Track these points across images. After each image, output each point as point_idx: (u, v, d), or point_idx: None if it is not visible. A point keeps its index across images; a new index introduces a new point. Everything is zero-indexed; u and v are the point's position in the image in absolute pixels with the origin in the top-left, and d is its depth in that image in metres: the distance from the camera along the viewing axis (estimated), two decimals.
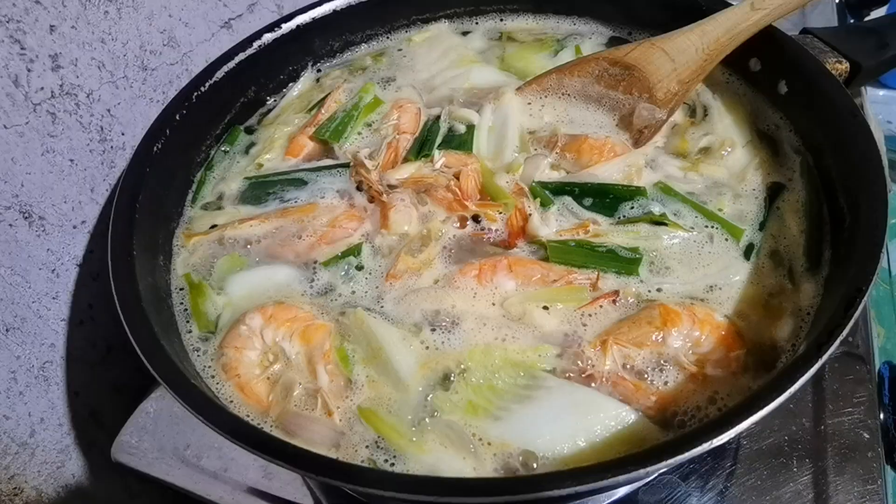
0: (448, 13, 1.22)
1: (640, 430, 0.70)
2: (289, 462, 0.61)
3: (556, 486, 0.54)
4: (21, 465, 0.96)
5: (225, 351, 0.80)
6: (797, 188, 0.89)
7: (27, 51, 0.85)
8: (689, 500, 0.88)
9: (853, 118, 0.81)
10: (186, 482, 0.99)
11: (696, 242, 0.85)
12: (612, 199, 0.90)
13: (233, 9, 1.20)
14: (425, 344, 0.78)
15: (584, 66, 1.02)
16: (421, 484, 0.63)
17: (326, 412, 0.74)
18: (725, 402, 0.71)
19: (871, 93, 1.88)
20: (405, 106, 1.07)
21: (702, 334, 0.75)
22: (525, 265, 0.83)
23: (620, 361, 0.74)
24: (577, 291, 0.80)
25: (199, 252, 0.92)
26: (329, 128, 1.04)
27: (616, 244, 0.84)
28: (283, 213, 0.94)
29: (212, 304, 0.86)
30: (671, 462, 0.56)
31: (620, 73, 0.99)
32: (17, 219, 0.89)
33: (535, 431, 0.69)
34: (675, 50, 0.97)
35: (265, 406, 0.76)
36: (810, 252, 0.82)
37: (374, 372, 0.77)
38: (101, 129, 0.98)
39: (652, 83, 0.97)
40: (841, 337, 0.61)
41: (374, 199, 0.94)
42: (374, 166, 0.96)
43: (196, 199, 1.01)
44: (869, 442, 0.89)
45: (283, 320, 0.80)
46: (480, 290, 0.82)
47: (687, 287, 0.81)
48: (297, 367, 0.78)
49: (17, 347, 0.92)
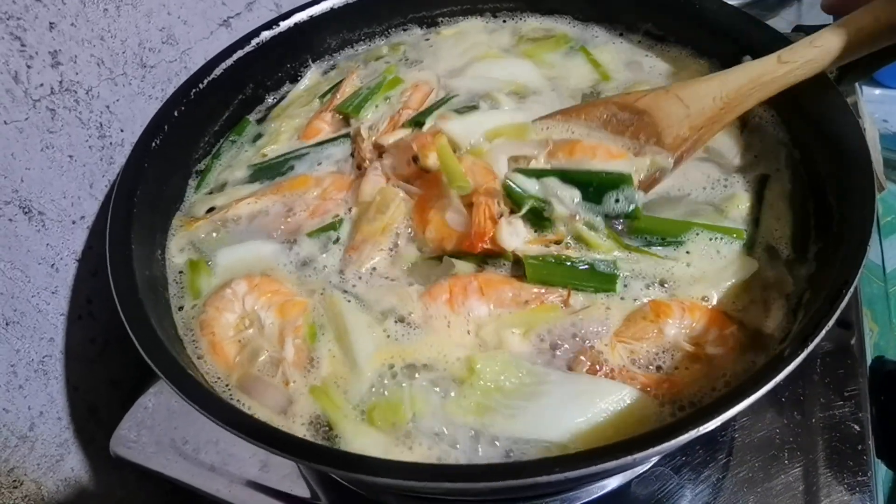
0: (444, 11, 1.23)
1: (649, 410, 0.71)
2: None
3: (545, 472, 0.55)
4: (20, 458, 0.97)
5: (206, 309, 0.85)
6: (783, 178, 0.90)
7: (27, 47, 0.86)
8: (681, 492, 0.89)
9: (842, 115, 0.82)
10: (184, 475, 1.00)
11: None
12: (596, 189, 0.85)
13: (231, 7, 1.21)
14: (387, 333, 0.80)
15: (591, 109, 0.97)
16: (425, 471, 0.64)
17: (284, 382, 0.78)
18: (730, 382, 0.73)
19: (867, 91, 1.88)
20: (420, 85, 1.11)
21: (693, 320, 0.77)
22: (496, 286, 0.81)
23: (627, 357, 0.76)
24: (551, 310, 0.80)
25: (195, 235, 0.95)
26: (353, 103, 1.08)
27: (594, 258, 0.83)
28: (276, 189, 0.98)
29: (207, 282, 0.89)
30: (650, 453, 0.57)
31: (629, 118, 0.94)
32: (17, 214, 0.90)
33: (548, 424, 0.70)
34: (691, 97, 0.91)
35: (231, 365, 0.81)
36: (796, 242, 0.83)
37: (337, 351, 0.80)
38: (100, 125, 0.99)
39: (661, 128, 0.91)
40: (826, 328, 0.62)
41: (360, 167, 0.98)
42: (369, 136, 1.00)
43: (200, 187, 1.04)
44: (859, 435, 0.90)
45: (265, 291, 0.85)
46: (454, 319, 0.80)
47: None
48: (268, 337, 0.83)
49: (16, 341, 0.93)
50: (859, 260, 0.67)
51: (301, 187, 0.97)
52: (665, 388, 0.73)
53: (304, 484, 0.99)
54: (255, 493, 0.98)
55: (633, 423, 0.70)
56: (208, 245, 0.94)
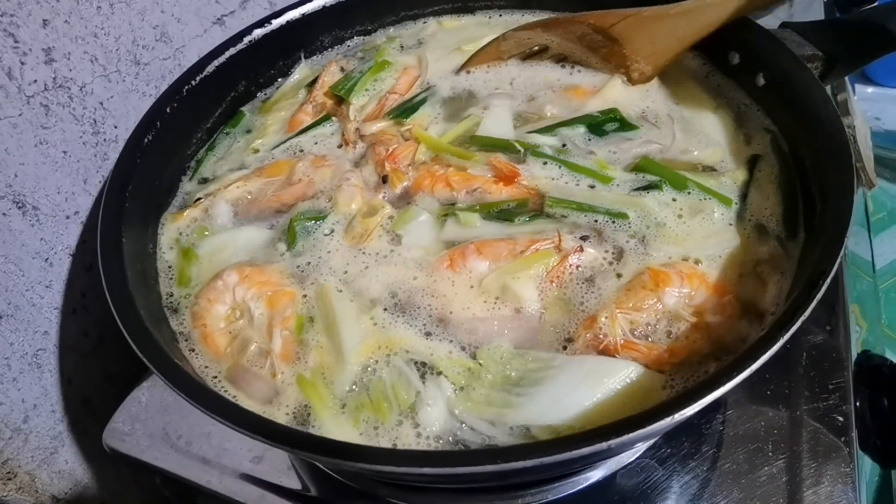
0: (436, 9, 1.25)
1: (655, 385, 0.73)
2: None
3: (521, 457, 0.56)
4: (15, 451, 0.98)
5: (198, 300, 0.87)
6: (772, 161, 0.93)
7: (20, 44, 0.88)
8: (666, 483, 0.90)
9: (825, 111, 0.83)
10: (177, 468, 1.01)
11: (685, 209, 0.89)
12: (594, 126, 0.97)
13: (225, 5, 1.22)
14: (374, 320, 0.82)
15: (569, 25, 1.06)
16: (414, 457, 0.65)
17: (271, 373, 0.80)
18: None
19: (860, 89, 1.90)
20: (408, 70, 1.14)
21: (692, 289, 0.79)
22: (491, 245, 0.85)
23: (628, 328, 0.77)
24: (545, 256, 0.83)
25: (184, 224, 0.97)
26: (345, 86, 1.12)
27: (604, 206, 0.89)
28: (260, 172, 1.01)
29: (196, 271, 0.91)
30: (625, 440, 0.57)
31: (602, 41, 1.03)
32: (11, 208, 0.91)
33: (557, 407, 0.71)
34: (659, 33, 1.00)
35: (221, 356, 0.83)
36: (787, 221, 0.86)
37: (325, 341, 0.81)
38: (94, 121, 1.01)
39: (630, 61, 1.03)
40: (804, 317, 0.63)
41: (345, 145, 1.04)
42: (354, 116, 1.06)
43: (194, 177, 1.06)
44: (843, 427, 0.91)
45: (255, 281, 0.86)
46: (457, 278, 0.84)
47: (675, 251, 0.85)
48: (258, 327, 0.84)
49: (10, 335, 0.94)
50: (836, 251, 0.68)
51: (284, 170, 1.00)
52: (666, 359, 0.75)
53: (296, 476, 1.00)
54: (247, 486, 0.99)
55: (640, 400, 0.71)
56: (197, 234, 0.95)
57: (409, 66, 1.16)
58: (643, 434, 0.57)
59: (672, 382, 0.73)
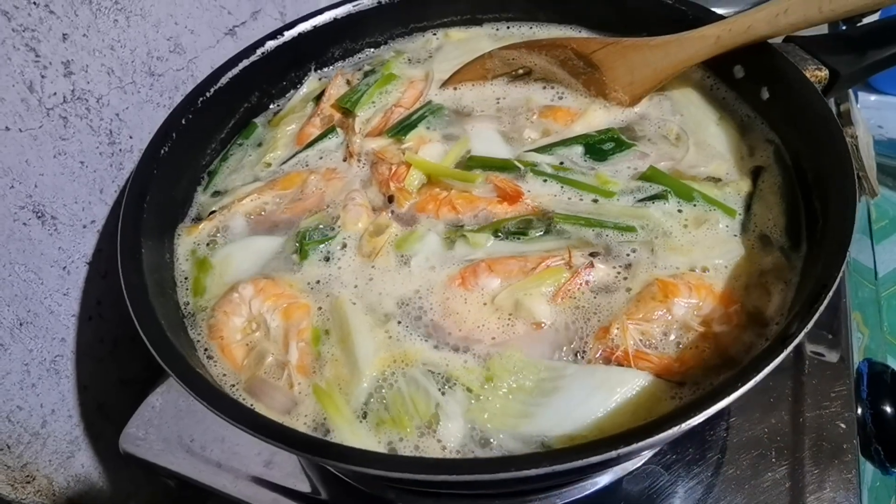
0: (445, 21, 1.27)
1: (663, 395, 0.75)
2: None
3: (532, 466, 0.58)
4: (33, 455, 1.00)
5: (215, 313, 0.88)
6: (775, 172, 0.95)
7: (41, 58, 0.90)
8: (671, 489, 0.92)
9: (827, 126, 0.85)
10: (191, 472, 1.03)
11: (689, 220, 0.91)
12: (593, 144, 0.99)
13: (237, 16, 1.24)
14: (389, 333, 0.83)
15: (552, 49, 1.08)
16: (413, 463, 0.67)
17: (289, 384, 0.81)
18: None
19: (863, 98, 1.91)
20: (414, 83, 1.16)
21: (699, 299, 0.81)
22: (502, 262, 0.87)
23: (639, 338, 0.79)
24: (556, 272, 0.85)
25: (200, 236, 0.99)
26: (351, 98, 1.13)
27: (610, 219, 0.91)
28: (273, 184, 1.03)
29: (212, 282, 0.93)
30: (631, 449, 0.59)
31: (583, 67, 1.06)
32: (31, 218, 0.93)
33: (571, 417, 0.73)
34: (638, 63, 1.02)
35: (238, 368, 0.84)
36: (790, 232, 0.88)
37: (340, 353, 0.83)
38: (110, 132, 1.03)
39: (609, 89, 1.06)
40: (806, 329, 0.65)
41: (349, 157, 1.05)
42: (359, 129, 1.07)
43: (207, 189, 1.08)
44: (846, 434, 0.93)
45: (270, 294, 0.88)
46: (469, 296, 0.85)
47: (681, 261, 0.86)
48: (274, 339, 0.85)
49: (29, 341, 0.96)
50: (838, 267, 0.69)
51: (296, 182, 1.03)
52: (676, 368, 0.77)
53: (307, 480, 1.02)
54: (259, 489, 1.01)
55: (649, 409, 0.73)
56: (211, 246, 0.97)
57: (416, 79, 1.17)
58: (651, 443, 0.59)
59: (679, 392, 0.75)
